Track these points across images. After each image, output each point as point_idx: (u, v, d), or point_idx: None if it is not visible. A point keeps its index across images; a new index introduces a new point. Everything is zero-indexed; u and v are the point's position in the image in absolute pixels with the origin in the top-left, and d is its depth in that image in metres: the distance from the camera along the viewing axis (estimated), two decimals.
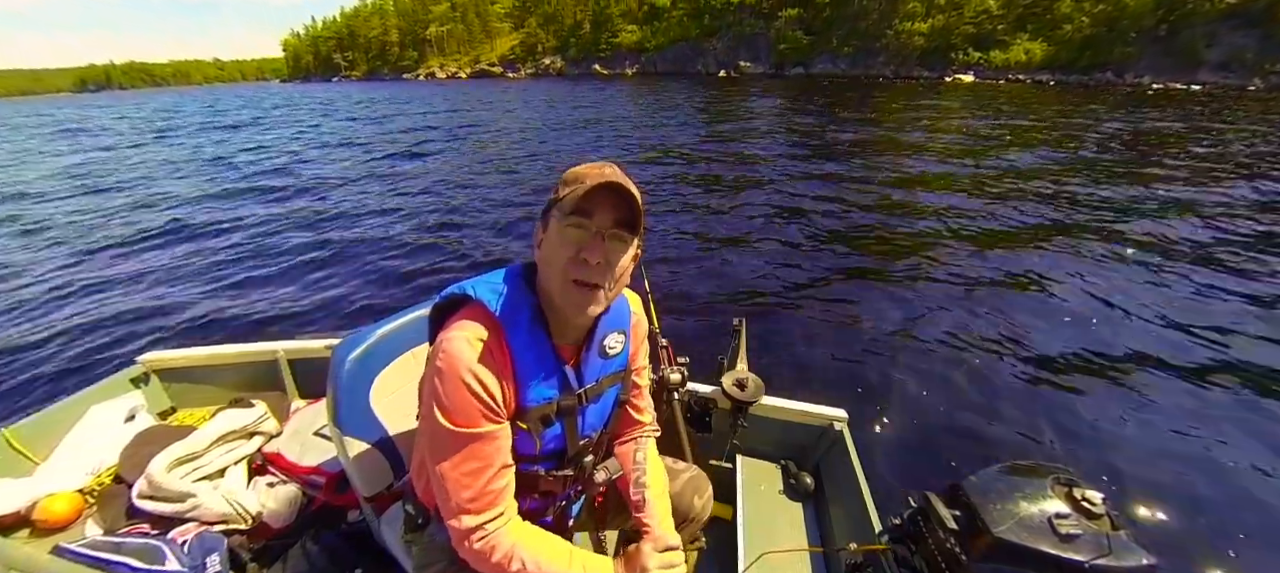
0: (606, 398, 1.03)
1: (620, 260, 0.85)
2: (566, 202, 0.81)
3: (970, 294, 4.13)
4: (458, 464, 0.84)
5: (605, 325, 0.96)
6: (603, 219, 0.82)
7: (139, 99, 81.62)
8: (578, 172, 0.84)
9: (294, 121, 22.43)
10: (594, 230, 0.82)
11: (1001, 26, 44.99)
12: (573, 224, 0.82)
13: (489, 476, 0.85)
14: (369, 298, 4.43)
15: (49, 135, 20.07)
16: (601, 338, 0.96)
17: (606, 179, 0.80)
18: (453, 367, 0.81)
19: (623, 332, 1.01)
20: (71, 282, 4.91)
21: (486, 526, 0.86)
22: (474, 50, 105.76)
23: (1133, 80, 35.69)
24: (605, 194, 0.81)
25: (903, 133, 13.84)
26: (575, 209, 0.81)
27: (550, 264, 0.85)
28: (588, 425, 1.01)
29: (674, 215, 6.45)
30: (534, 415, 0.90)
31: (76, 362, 3.52)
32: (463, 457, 0.83)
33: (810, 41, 58.63)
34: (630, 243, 0.86)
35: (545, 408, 0.91)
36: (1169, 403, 2.88)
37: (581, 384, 0.95)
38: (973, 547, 0.86)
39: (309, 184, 9.12)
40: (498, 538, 0.86)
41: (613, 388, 1.03)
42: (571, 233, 0.82)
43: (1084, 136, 12.53)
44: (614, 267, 0.84)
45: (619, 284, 0.88)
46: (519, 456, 0.94)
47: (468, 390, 0.81)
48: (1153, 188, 7.42)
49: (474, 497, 0.85)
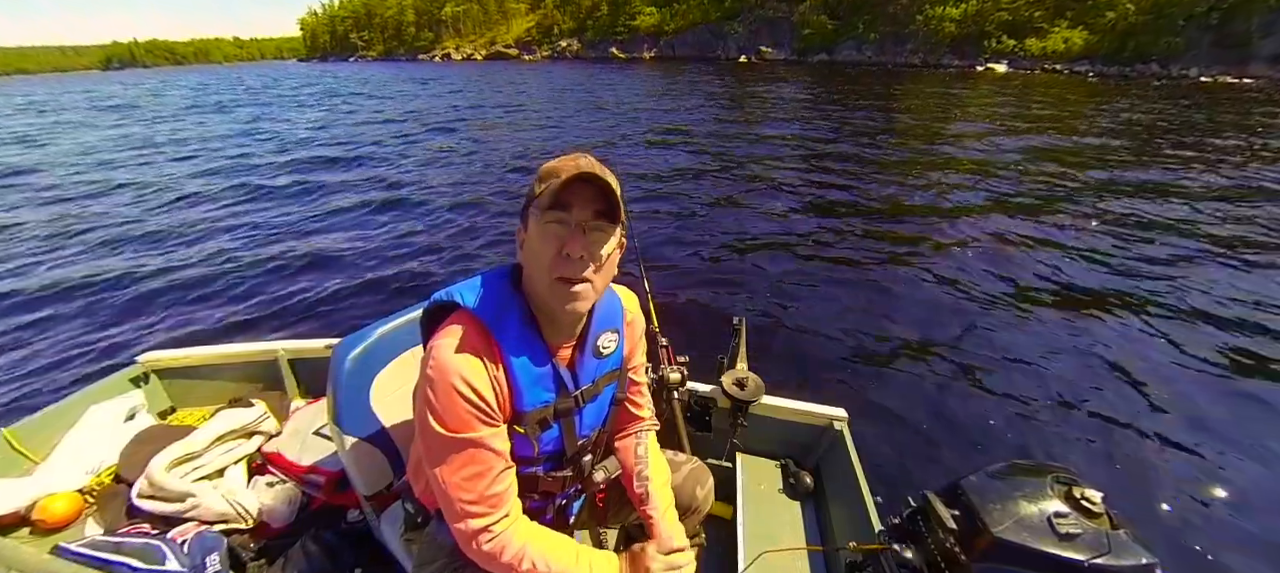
0: (603, 397, 1.03)
1: (603, 250, 0.84)
2: (543, 198, 0.80)
3: (971, 295, 4.13)
4: (457, 469, 0.83)
5: (598, 325, 0.96)
6: (581, 212, 0.81)
7: (165, 76, 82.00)
8: (552, 166, 0.82)
9: (308, 105, 22.30)
10: (574, 224, 0.81)
11: (1039, 12, 41.71)
12: (552, 219, 0.81)
13: (490, 478, 0.85)
14: (370, 297, 4.43)
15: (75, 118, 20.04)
16: (595, 337, 0.96)
17: (581, 170, 0.78)
18: (443, 374, 0.81)
19: (616, 330, 1.00)
20: (71, 281, 4.91)
21: (493, 527, 0.85)
22: (489, 32, 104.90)
23: (1179, 72, 33.06)
24: (581, 186, 0.80)
25: (923, 126, 13.47)
26: (553, 204, 0.80)
27: (534, 263, 0.84)
28: (585, 426, 1.01)
29: (675, 214, 6.43)
30: (531, 419, 0.90)
31: (76, 361, 3.52)
32: (461, 462, 0.83)
33: (835, 27, 55.70)
34: (612, 232, 0.85)
35: (542, 412, 0.91)
36: (1171, 404, 2.87)
37: (577, 385, 0.95)
38: (972, 546, 0.86)
39: (317, 178, 9.03)
40: (507, 538, 0.86)
41: (609, 387, 1.03)
42: (552, 229, 0.81)
43: (1116, 129, 12.13)
44: (598, 258, 0.83)
45: (606, 275, 0.88)
46: (517, 458, 0.93)
47: (460, 397, 0.81)
48: (1167, 178, 7.39)
49: (476, 500, 0.84)
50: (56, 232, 6.58)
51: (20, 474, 1.70)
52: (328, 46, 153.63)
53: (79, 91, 43.74)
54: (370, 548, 1.48)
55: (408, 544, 1.23)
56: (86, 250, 5.82)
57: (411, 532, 1.18)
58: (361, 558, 1.51)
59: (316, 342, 2.18)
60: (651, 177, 8.41)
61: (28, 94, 43.59)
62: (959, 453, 2.53)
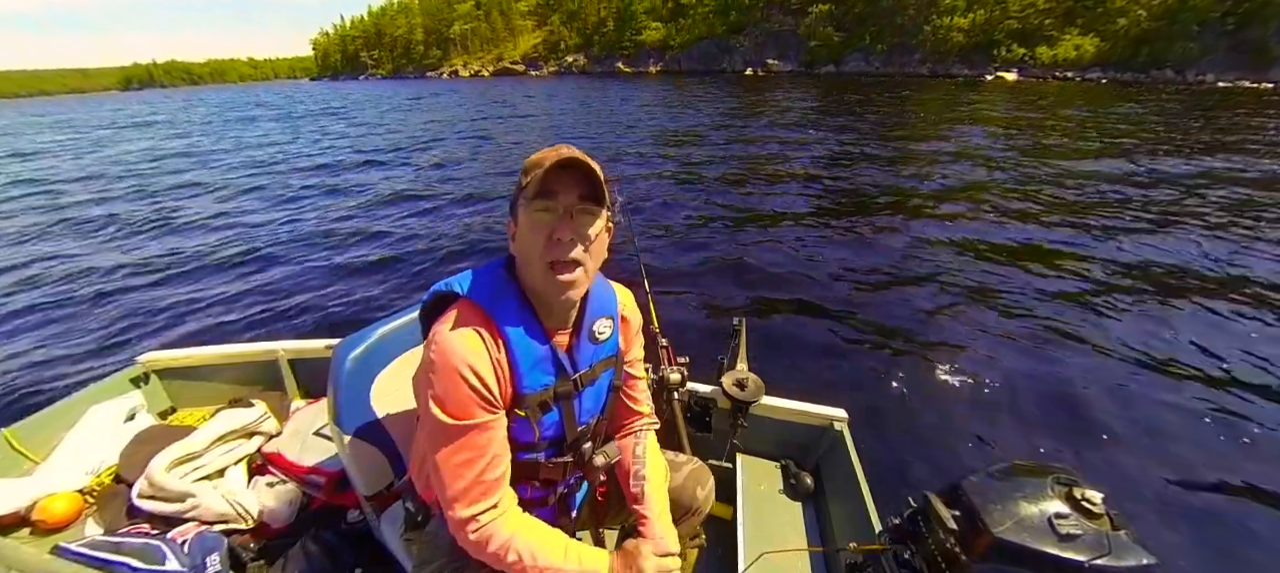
0: (601, 383, 1.04)
1: (591, 231, 0.86)
2: (530, 188, 0.82)
3: (972, 296, 4.13)
4: (452, 455, 0.85)
5: (593, 311, 0.98)
6: (567, 197, 0.83)
7: (187, 95, 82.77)
8: (535, 158, 0.85)
9: (318, 118, 22.59)
10: (561, 210, 0.83)
11: (1049, 21, 41.65)
12: (539, 208, 0.83)
13: (483, 465, 0.86)
14: (371, 297, 4.43)
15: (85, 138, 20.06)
16: (590, 323, 0.98)
17: (563, 157, 0.81)
18: (446, 359, 0.83)
19: (610, 317, 1.02)
20: (71, 280, 4.92)
21: (480, 517, 0.87)
22: (497, 48, 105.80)
23: (1195, 78, 33.11)
24: (565, 172, 0.82)
25: (924, 132, 13.54)
26: (539, 193, 0.82)
27: (526, 253, 0.86)
28: (585, 411, 1.03)
29: (676, 215, 6.44)
30: (532, 402, 0.92)
31: (76, 361, 3.52)
32: (457, 447, 0.85)
33: (842, 38, 55.85)
34: (598, 214, 0.87)
35: (543, 394, 0.93)
36: (1174, 405, 2.87)
37: (576, 369, 0.97)
38: (972, 547, 0.86)
39: (325, 183, 9.08)
40: (494, 528, 0.88)
41: (606, 373, 1.05)
42: (540, 217, 0.83)
43: (1131, 136, 12.03)
44: (587, 239, 0.86)
45: (596, 257, 0.90)
46: (518, 444, 0.95)
47: (462, 381, 0.82)
48: (1183, 174, 7.40)
49: (468, 487, 0.86)
50: (56, 231, 6.59)
51: (20, 474, 1.70)
52: (339, 65, 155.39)
53: (107, 110, 44.33)
54: (370, 548, 1.48)
55: (407, 544, 1.23)
56: (86, 250, 5.82)
57: (411, 531, 1.18)
58: (361, 558, 1.50)
59: (317, 342, 2.18)
60: (653, 180, 8.44)
61: (55, 115, 43.94)
62: (959, 454, 2.53)
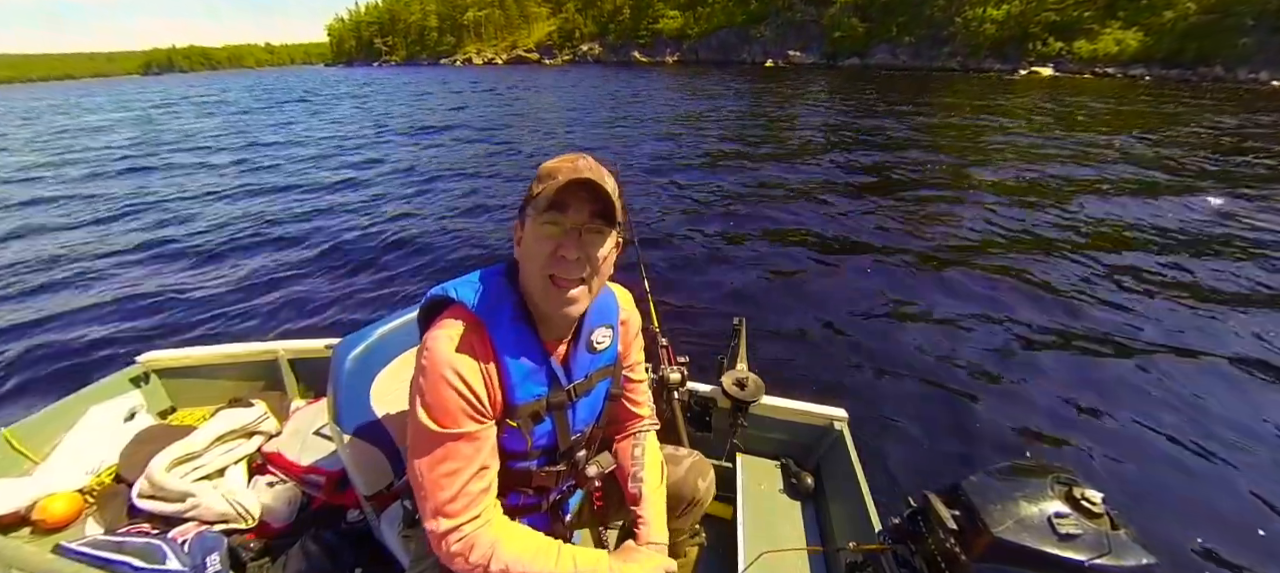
0: (596, 393, 1.03)
1: (599, 253, 0.84)
2: (541, 199, 0.80)
3: (972, 297, 4.13)
4: (436, 464, 0.83)
5: (592, 320, 0.96)
6: (577, 214, 0.81)
7: (202, 80, 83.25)
8: (550, 167, 0.82)
9: (326, 106, 22.53)
10: (569, 226, 0.81)
11: (1089, 13, 38.51)
12: (548, 220, 0.81)
13: (468, 476, 0.84)
14: (371, 297, 4.42)
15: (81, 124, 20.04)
16: (588, 333, 0.96)
17: (579, 174, 0.79)
18: (436, 366, 0.81)
19: (610, 326, 1.00)
20: (71, 280, 4.91)
21: (464, 528, 0.84)
22: (511, 36, 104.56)
23: (1247, 76, 30.06)
24: (578, 189, 0.80)
25: (940, 129, 13.14)
26: (550, 206, 0.80)
27: (529, 262, 0.85)
28: (579, 421, 1.01)
29: (677, 214, 6.43)
30: (524, 413, 0.90)
31: (76, 361, 3.52)
32: (442, 456, 0.83)
33: (867, 29, 52.26)
34: (608, 234, 0.85)
35: (535, 405, 0.91)
36: (1178, 406, 2.87)
37: (570, 380, 0.95)
38: (972, 547, 0.86)
39: (328, 180, 9.03)
40: (475, 538, 0.85)
41: (603, 383, 1.04)
42: (547, 230, 0.81)
43: (1147, 135, 11.50)
44: (593, 260, 0.84)
45: (601, 276, 0.88)
46: (510, 453, 0.93)
47: (451, 389, 0.81)
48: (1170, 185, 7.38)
49: (452, 498, 0.83)
50: (56, 229, 6.58)
51: (20, 474, 1.70)
52: (353, 52, 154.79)
53: (131, 94, 44.53)
54: (370, 548, 1.48)
55: (406, 541, 1.23)
56: (87, 252, 5.81)
57: (409, 528, 1.19)
58: (361, 558, 1.51)
59: (316, 342, 2.18)
60: (656, 176, 8.41)
61: (84, 98, 44.05)
62: (959, 454, 2.53)
